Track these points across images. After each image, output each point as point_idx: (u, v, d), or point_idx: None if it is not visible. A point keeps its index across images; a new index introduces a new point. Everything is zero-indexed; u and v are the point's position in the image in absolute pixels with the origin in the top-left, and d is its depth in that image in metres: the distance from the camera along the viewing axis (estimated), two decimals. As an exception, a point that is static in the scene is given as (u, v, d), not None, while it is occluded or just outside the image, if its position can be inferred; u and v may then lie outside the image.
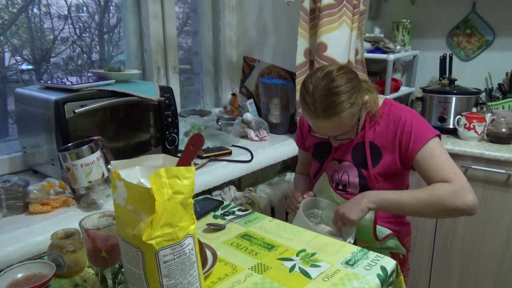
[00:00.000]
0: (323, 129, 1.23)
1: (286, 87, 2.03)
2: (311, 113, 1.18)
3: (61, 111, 1.21)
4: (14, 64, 1.61)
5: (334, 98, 1.14)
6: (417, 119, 1.27)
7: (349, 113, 1.17)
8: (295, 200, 1.37)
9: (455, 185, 1.15)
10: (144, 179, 0.77)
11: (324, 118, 1.17)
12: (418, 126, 1.24)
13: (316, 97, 1.16)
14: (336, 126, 1.20)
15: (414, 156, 1.23)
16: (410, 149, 1.24)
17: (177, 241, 0.72)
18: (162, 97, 1.46)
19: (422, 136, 1.23)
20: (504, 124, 1.91)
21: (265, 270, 0.96)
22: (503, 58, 2.21)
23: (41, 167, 1.37)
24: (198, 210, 1.28)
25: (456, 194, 1.15)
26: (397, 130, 1.26)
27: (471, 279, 1.95)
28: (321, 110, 1.16)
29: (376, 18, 2.55)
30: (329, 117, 1.16)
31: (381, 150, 1.29)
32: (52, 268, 0.88)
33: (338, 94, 1.14)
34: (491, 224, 1.85)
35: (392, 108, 1.31)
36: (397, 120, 1.27)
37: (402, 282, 1.03)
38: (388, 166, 1.28)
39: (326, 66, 1.21)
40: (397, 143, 1.26)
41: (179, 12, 2.21)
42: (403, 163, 1.28)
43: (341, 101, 1.14)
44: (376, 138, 1.30)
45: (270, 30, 2.21)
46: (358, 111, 1.20)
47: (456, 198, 1.14)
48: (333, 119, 1.17)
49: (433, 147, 1.22)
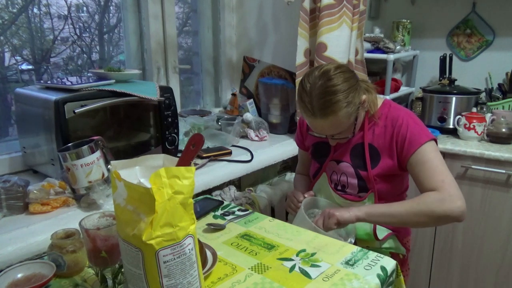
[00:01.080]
0: (320, 128, 1.23)
1: (286, 87, 2.03)
2: (308, 112, 1.18)
3: (61, 111, 1.21)
4: (14, 64, 1.61)
5: (331, 97, 1.15)
6: (414, 122, 1.26)
7: (346, 112, 1.17)
8: (296, 199, 1.37)
9: (443, 193, 1.15)
10: (144, 179, 0.77)
11: (321, 116, 1.17)
12: (414, 130, 1.24)
13: (313, 95, 1.16)
14: (333, 125, 1.20)
15: (408, 160, 1.24)
16: (404, 152, 1.24)
17: (177, 241, 0.72)
18: (162, 97, 1.46)
19: (416, 139, 1.23)
20: (504, 124, 1.91)
21: (265, 270, 0.96)
22: (503, 58, 2.21)
23: (41, 167, 1.37)
24: (198, 210, 1.28)
25: (443, 201, 1.14)
26: (394, 132, 1.26)
27: (471, 279, 1.95)
28: (318, 109, 1.16)
29: (376, 18, 2.55)
30: (326, 116, 1.16)
31: (379, 152, 1.29)
32: (52, 268, 0.88)
33: (335, 93, 1.15)
34: (491, 224, 1.85)
35: (390, 110, 1.31)
36: (394, 121, 1.27)
37: (402, 282, 1.03)
38: (386, 168, 1.28)
39: (324, 65, 1.21)
40: (394, 146, 1.26)
41: (179, 12, 2.21)
42: (400, 165, 1.28)
43: (338, 100, 1.15)
44: (375, 140, 1.30)
45: (270, 30, 2.21)
46: (355, 110, 1.20)
47: (443, 205, 1.14)
48: (330, 118, 1.17)
49: (426, 151, 1.21)
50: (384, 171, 1.28)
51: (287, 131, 2.08)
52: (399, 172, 1.29)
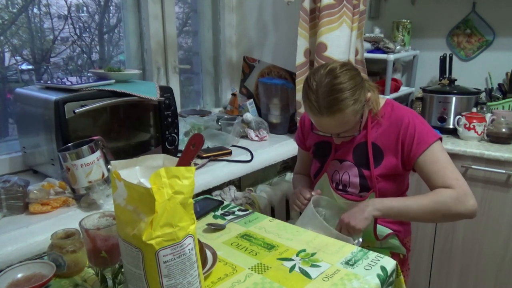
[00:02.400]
0: (327, 126, 1.22)
1: (286, 87, 2.03)
2: (315, 110, 1.18)
3: (61, 111, 1.21)
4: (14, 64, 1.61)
5: (338, 94, 1.14)
6: (420, 122, 1.27)
7: (353, 110, 1.17)
8: (302, 196, 1.35)
9: (458, 191, 1.17)
10: (144, 179, 0.77)
11: (328, 115, 1.17)
12: (421, 129, 1.24)
13: (320, 93, 1.16)
14: (340, 123, 1.19)
15: (416, 159, 1.24)
16: (412, 152, 1.24)
17: (177, 241, 0.72)
18: (162, 97, 1.46)
19: (425, 139, 1.23)
20: (504, 124, 1.91)
21: (265, 270, 0.96)
22: (503, 58, 2.21)
23: (41, 167, 1.37)
24: (198, 210, 1.28)
25: (459, 200, 1.17)
26: (400, 132, 1.26)
27: (471, 279, 1.95)
28: (325, 107, 1.16)
29: (376, 18, 2.55)
30: (333, 114, 1.16)
31: (382, 151, 1.29)
32: (52, 268, 0.88)
33: (342, 91, 1.15)
34: (491, 224, 1.85)
35: (394, 109, 1.31)
36: (399, 121, 1.27)
37: (402, 282, 1.03)
38: (389, 167, 1.28)
39: (329, 63, 1.21)
40: (400, 145, 1.26)
41: (179, 12, 2.21)
42: (404, 165, 1.28)
43: (345, 97, 1.15)
44: (378, 139, 1.30)
45: (270, 30, 2.21)
46: (361, 107, 1.20)
47: (459, 204, 1.17)
48: (337, 116, 1.17)
49: (435, 151, 1.23)
50: (387, 171, 1.28)
51: (287, 131, 2.08)
52: (401, 171, 1.29)
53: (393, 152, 1.27)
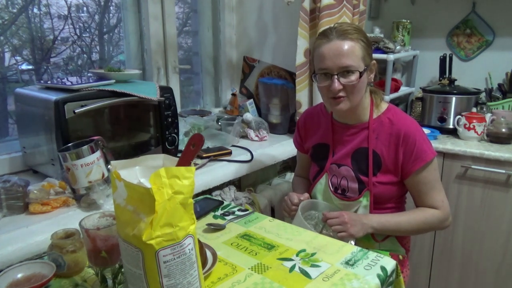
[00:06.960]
0: (334, 51, 1.20)
1: (286, 87, 2.03)
2: (325, 38, 1.22)
3: (61, 111, 1.21)
4: (14, 64, 1.61)
5: (355, 28, 1.23)
6: (421, 137, 1.26)
7: (362, 49, 1.22)
8: (290, 202, 1.33)
9: (443, 213, 1.30)
10: (144, 179, 0.77)
11: (338, 38, 1.20)
12: (420, 144, 1.25)
13: (337, 25, 1.24)
14: (347, 50, 1.20)
15: (411, 174, 1.27)
16: (409, 166, 1.26)
17: (177, 241, 0.72)
18: (162, 97, 1.46)
19: (422, 156, 1.24)
20: (504, 124, 1.91)
21: (265, 270, 0.96)
22: (503, 58, 2.21)
23: (41, 167, 1.37)
24: (198, 210, 1.28)
25: (442, 220, 1.30)
26: (400, 143, 1.26)
27: (471, 279, 1.95)
28: (338, 33, 1.21)
29: (376, 18, 2.55)
30: (344, 38, 1.20)
31: (381, 160, 1.29)
32: (52, 268, 0.88)
33: (358, 31, 1.23)
34: (491, 224, 1.85)
35: (396, 117, 1.30)
36: (400, 132, 1.26)
37: (402, 282, 1.03)
38: (387, 175, 1.29)
39: None
40: (400, 156, 1.26)
41: (179, 12, 2.21)
42: (401, 175, 1.29)
43: (359, 37, 1.22)
44: (378, 146, 1.29)
45: (270, 30, 2.21)
46: (368, 60, 1.25)
47: (441, 224, 1.32)
48: (347, 42, 1.20)
49: (429, 171, 1.27)
50: (385, 179, 1.29)
51: (287, 131, 2.08)
52: (399, 180, 1.30)
53: (392, 161, 1.28)
